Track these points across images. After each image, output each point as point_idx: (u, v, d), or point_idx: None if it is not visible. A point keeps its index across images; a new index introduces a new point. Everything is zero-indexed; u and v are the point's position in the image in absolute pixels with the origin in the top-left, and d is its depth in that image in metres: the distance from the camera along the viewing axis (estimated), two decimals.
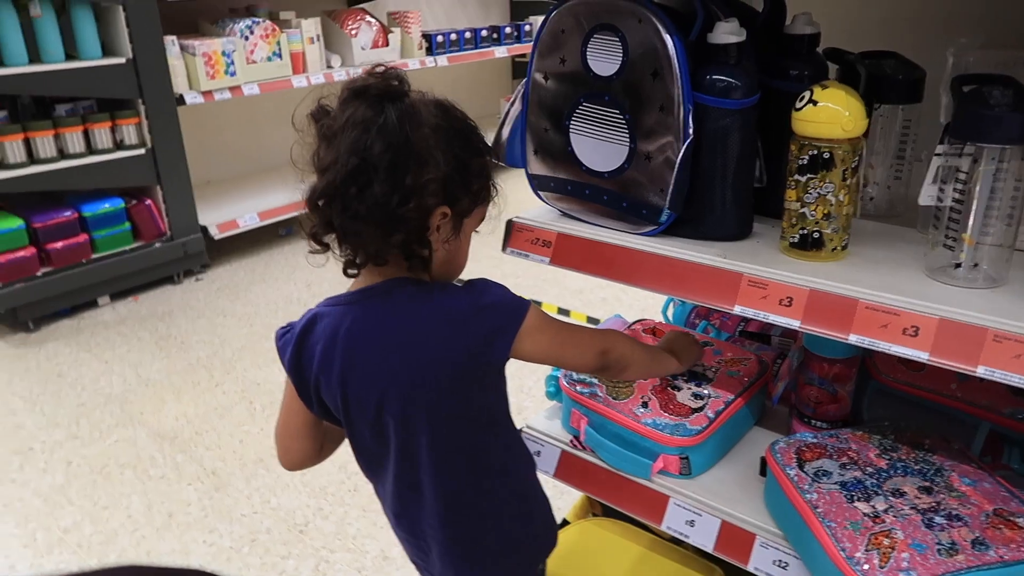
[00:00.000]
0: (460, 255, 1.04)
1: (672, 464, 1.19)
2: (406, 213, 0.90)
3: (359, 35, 4.30)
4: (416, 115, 0.91)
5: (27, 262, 3.22)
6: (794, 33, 1.11)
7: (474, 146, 0.99)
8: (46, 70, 3.13)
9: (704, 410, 1.21)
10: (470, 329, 0.96)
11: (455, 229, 0.98)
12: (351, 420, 1.02)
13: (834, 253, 1.01)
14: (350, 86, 0.92)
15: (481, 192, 1.00)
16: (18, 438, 2.56)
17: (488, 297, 0.98)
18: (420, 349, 0.96)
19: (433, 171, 0.90)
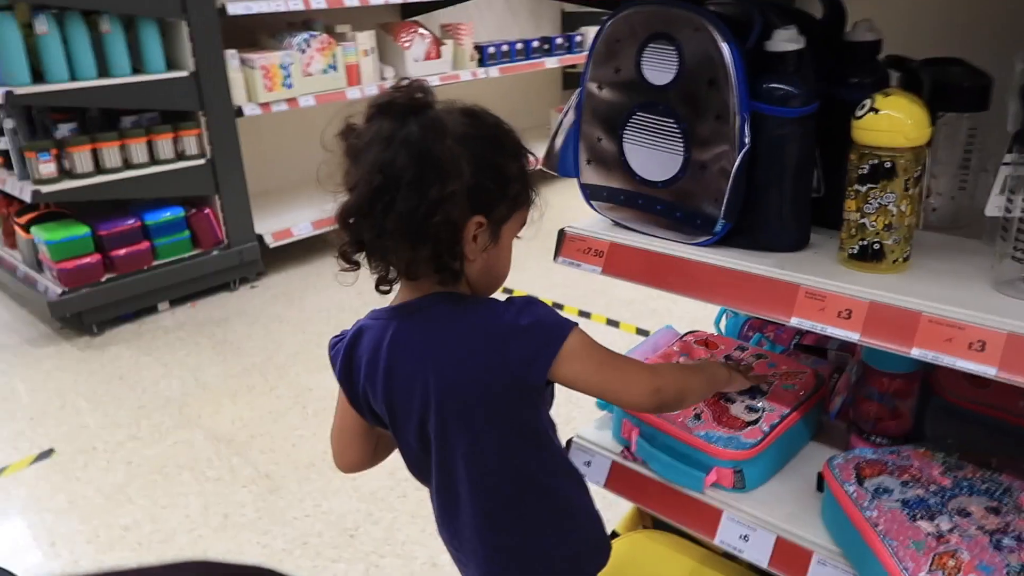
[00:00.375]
0: (501, 263, 1.02)
1: (726, 477, 1.17)
2: (432, 227, 0.89)
3: (412, 47, 4.36)
4: (440, 126, 0.90)
5: (92, 268, 3.34)
6: (854, 40, 1.09)
7: (508, 150, 0.97)
8: (114, 83, 3.25)
9: (759, 423, 1.19)
10: (506, 349, 0.94)
11: (493, 237, 0.97)
12: (398, 428, 1.04)
13: (895, 265, 0.98)
14: (374, 102, 0.92)
15: (519, 197, 0.98)
16: (82, 437, 2.65)
17: (527, 317, 0.95)
18: (456, 367, 0.96)
19: (458, 182, 0.89)
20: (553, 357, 0.93)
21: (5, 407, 2.88)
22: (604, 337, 3.35)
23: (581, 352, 0.95)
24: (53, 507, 2.29)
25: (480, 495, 1.02)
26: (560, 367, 0.94)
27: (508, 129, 0.99)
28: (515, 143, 0.99)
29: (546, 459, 1.05)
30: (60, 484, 2.40)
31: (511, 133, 0.99)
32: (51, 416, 2.79)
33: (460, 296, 0.98)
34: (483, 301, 0.99)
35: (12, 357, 3.27)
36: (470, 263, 0.96)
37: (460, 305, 0.97)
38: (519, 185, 0.98)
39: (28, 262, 3.55)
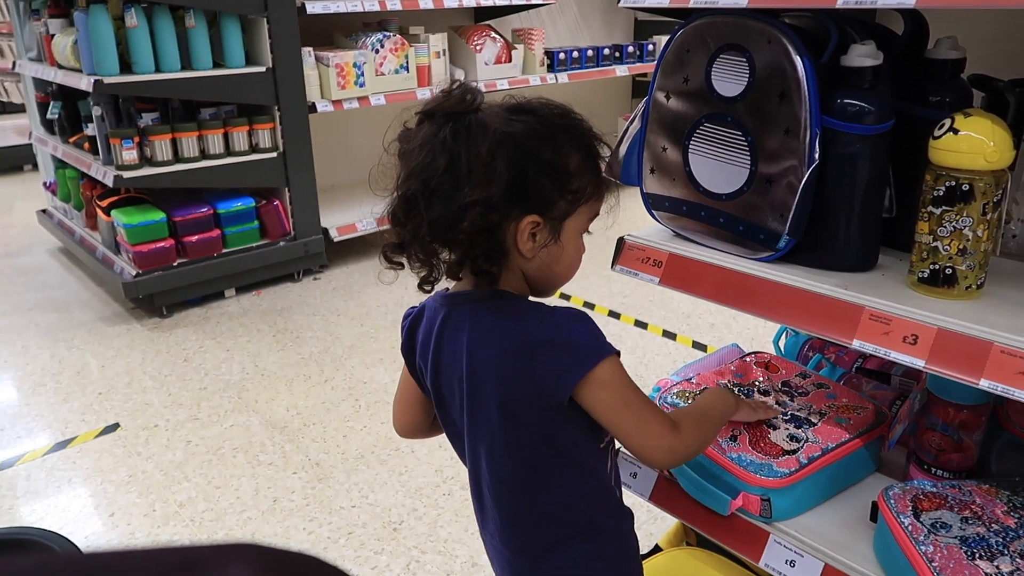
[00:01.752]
0: (565, 259, 0.98)
1: (753, 504, 1.14)
2: (462, 233, 0.88)
3: (483, 51, 4.40)
4: (478, 131, 0.89)
5: (166, 252, 3.47)
6: (936, 58, 1.05)
7: (566, 144, 0.94)
8: (196, 76, 3.37)
9: (796, 454, 1.15)
10: (535, 360, 0.92)
11: (554, 234, 0.94)
12: (443, 412, 1.05)
13: (968, 292, 0.95)
14: (422, 109, 0.93)
15: (583, 191, 0.95)
16: (146, 415, 2.75)
17: (566, 333, 0.92)
18: (485, 367, 0.95)
19: (488, 188, 0.87)
20: (580, 378, 0.90)
21: (77, 381, 3.01)
22: (660, 349, 3.31)
23: (610, 383, 0.92)
24: (115, 479, 2.39)
25: (500, 500, 1.02)
26: (585, 390, 0.91)
27: (572, 121, 0.96)
28: (577, 135, 0.96)
29: (576, 476, 1.01)
30: (122, 458, 2.50)
31: (575, 125, 0.96)
32: (119, 392, 2.91)
33: (510, 296, 0.97)
34: (530, 307, 0.96)
35: (87, 334, 3.42)
36: (527, 260, 0.95)
37: (506, 305, 0.96)
38: (582, 179, 0.94)
39: (107, 244, 3.71)
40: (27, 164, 6.38)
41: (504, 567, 1.08)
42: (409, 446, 2.49)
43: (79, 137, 3.78)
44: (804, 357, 1.54)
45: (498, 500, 1.02)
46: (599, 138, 0.98)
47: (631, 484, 1.33)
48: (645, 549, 1.82)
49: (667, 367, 2.93)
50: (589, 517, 1.03)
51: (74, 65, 3.39)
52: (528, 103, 0.95)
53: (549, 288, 1.02)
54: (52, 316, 3.61)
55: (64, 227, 4.27)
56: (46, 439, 2.62)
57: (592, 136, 0.97)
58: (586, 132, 0.97)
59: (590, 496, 1.02)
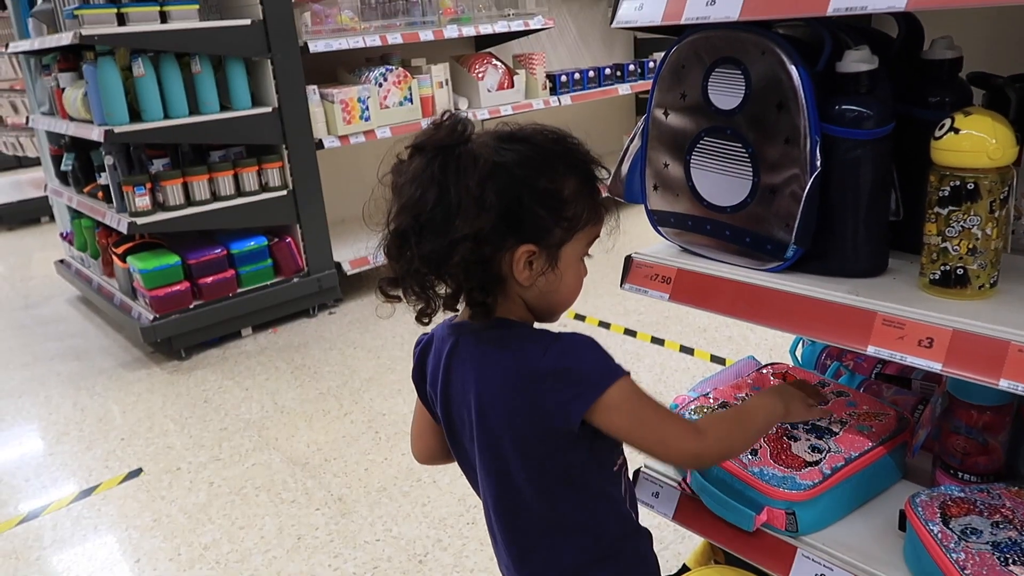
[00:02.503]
0: (564, 286, 0.96)
1: (778, 519, 1.12)
2: (454, 267, 0.88)
3: (486, 78, 4.44)
4: (468, 162, 0.87)
5: (182, 295, 3.51)
6: (933, 58, 1.05)
7: (561, 170, 0.92)
8: (204, 120, 3.42)
9: (820, 465, 1.14)
10: (540, 394, 0.90)
11: (551, 261, 0.92)
12: (454, 443, 1.05)
13: (981, 291, 0.93)
14: (413, 143, 0.92)
15: (579, 217, 0.93)
16: (168, 458, 2.76)
17: (570, 362, 0.90)
18: (496, 402, 0.94)
19: (481, 220, 0.86)
20: (588, 406, 0.89)
21: (100, 428, 3.03)
22: (678, 365, 3.29)
23: (623, 406, 0.90)
24: (140, 524, 2.39)
25: (513, 530, 1.01)
26: (597, 416, 0.90)
27: (567, 146, 0.95)
28: (573, 160, 0.94)
29: (587, 503, 0.99)
30: (146, 503, 2.50)
31: (571, 149, 0.95)
32: (140, 437, 2.92)
33: (513, 325, 0.96)
34: (533, 336, 0.95)
35: (107, 380, 3.44)
36: (524, 289, 0.93)
37: (509, 336, 0.94)
38: (579, 205, 0.93)
39: (124, 290, 3.75)
40: (44, 216, 6.49)
41: None
42: (431, 476, 2.48)
43: (93, 187, 3.84)
44: (822, 366, 1.52)
45: (511, 530, 1.01)
46: (596, 161, 0.97)
47: (653, 504, 1.31)
48: (672, 569, 1.79)
49: (686, 383, 2.90)
50: (607, 543, 1.01)
51: (85, 116, 3.45)
52: (521, 130, 0.94)
53: (551, 314, 1.00)
54: (73, 364, 3.65)
55: (82, 276, 4.32)
56: (71, 488, 2.63)
57: (589, 160, 0.96)
58: (582, 156, 0.95)
59: (605, 521, 1.01)
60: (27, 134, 6.46)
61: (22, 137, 6.72)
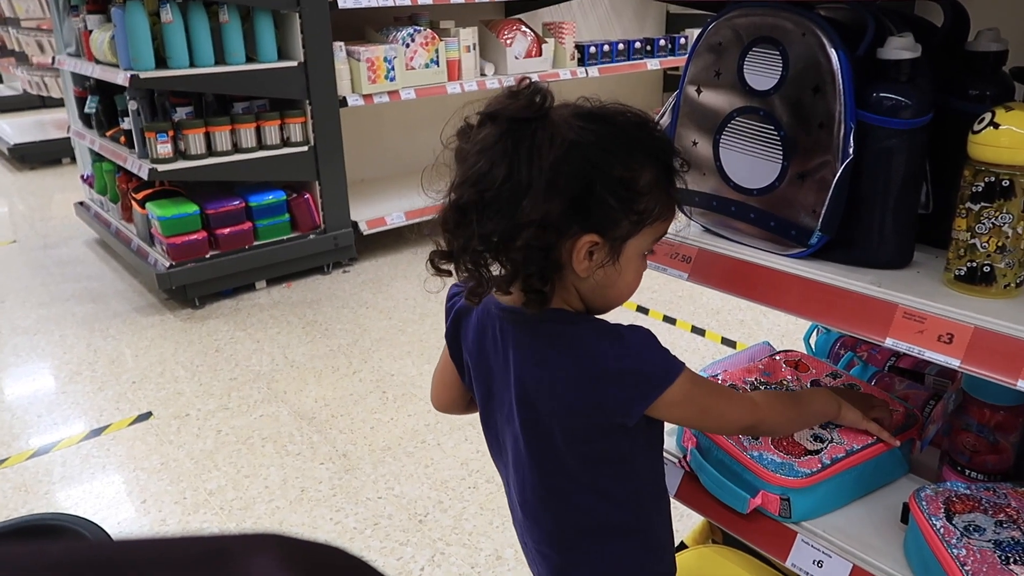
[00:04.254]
0: (622, 280, 0.91)
1: (772, 503, 1.12)
2: (515, 251, 0.83)
3: (514, 44, 4.39)
4: (544, 141, 0.81)
5: (199, 245, 3.53)
6: (977, 50, 1.02)
7: (639, 160, 0.86)
8: (229, 71, 3.41)
9: (820, 454, 1.13)
10: (602, 394, 0.88)
11: (613, 254, 0.87)
12: (489, 415, 1.03)
13: (1006, 290, 0.92)
14: (486, 109, 0.85)
15: (650, 211, 0.87)
16: (178, 404, 2.80)
17: (633, 362, 0.87)
18: (552, 394, 0.91)
19: (552, 205, 0.81)
20: (649, 405, 0.88)
21: (112, 370, 3.07)
22: (689, 345, 3.29)
23: (682, 401, 0.90)
24: (147, 466, 2.43)
25: (553, 509, 1.01)
26: (658, 411, 0.90)
27: (650, 133, 0.89)
28: (654, 149, 0.88)
29: (632, 483, 1.00)
30: (155, 446, 2.55)
31: (654, 138, 0.89)
32: (151, 381, 2.96)
33: (570, 318, 0.92)
34: (593, 331, 0.90)
35: (122, 324, 3.48)
36: (581, 280, 0.89)
37: (569, 332, 0.91)
38: (652, 199, 0.87)
39: (142, 235, 3.78)
40: (65, 157, 6.52)
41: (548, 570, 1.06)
42: (435, 439, 2.50)
43: (116, 131, 3.85)
44: (835, 355, 1.52)
45: (548, 510, 1.01)
46: (678, 153, 0.91)
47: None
48: None
49: (695, 363, 2.89)
50: (643, 515, 1.04)
51: (111, 60, 3.45)
52: (604, 109, 0.87)
53: (603, 308, 0.96)
54: (88, 306, 3.69)
55: (100, 219, 4.35)
56: (81, 426, 2.68)
57: (670, 151, 0.90)
58: (665, 146, 0.90)
59: (646, 498, 1.03)
60: (52, 74, 6.47)
61: (47, 77, 6.73)
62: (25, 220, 5.24)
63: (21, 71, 7.40)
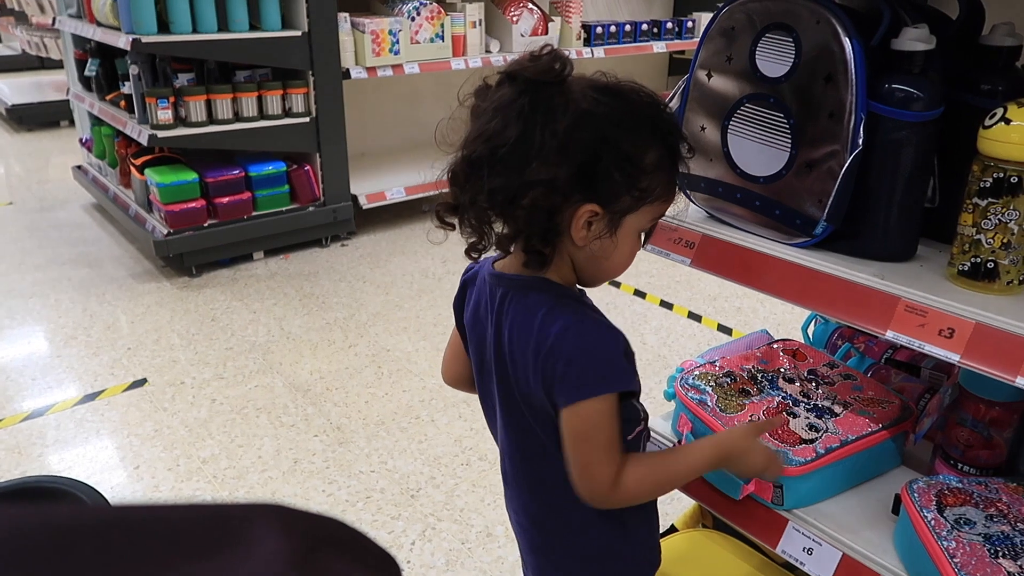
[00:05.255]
0: (617, 255, 0.93)
1: (765, 490, 1.13)
2: (521, 209, 0.85)
3: (520, 22, 4.35)
4: (559, 105, 0.83)
5: (197, 213, 3.51)
6: (991, 44, 1.02)
7: (647, 137, 0.88)
8: (232, 38, 3.38)
9: (815, 443, 1.14)
10: (550, 366, 0.90)
11: (611, 227, 0.89)
12: (483, 382, 1.05)
13: (1009, 287, 0.92)
14: (506, 68, 0.87)
15: (652, 190, 0.89)
16: (173, 371, 2.80)
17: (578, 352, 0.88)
18: (526, 360, 0.93)
19: (557, 169, 0.83)
20: (568, 404, 0.89)
21: (107, 335, 3.07)
22: (685, 331, 3.30)
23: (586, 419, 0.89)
24: (141, 433, 2.44)
25: (526, 479, 1.03)
26: (568, 411, 0.90)
27: (660, 113, 0.90)
28: (663, 130, 0.90)
29: None
30: (149, 412, 2.55)
31: (662, 118, 0.90)
32: (147, 348, 2.96)
33: (554, 289, 0.93)
34: (565, 308, 0.92)
35: (118, 290, 3.47)
36: (577, 249, 0.91)
37: (547, 300, 0.92)
38: (654, 178, 0.88)
39: (140, 202, 3.75)
40: (64, 120, 6.47)
41: (526, 543, 1.10)
42: (429, 415, 2.51)
43: (116, 95, 3.81)
44: (833, 345, 1.52)
45: (523, 479, 1.03)
46: (684, 138, 0.93)
47: None
48: (662, 529, 1.82)
49: (691, 349, 2.91)
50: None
51: (113, 23, 3.41)
52: (619, 85, 0.89)
53: (595, 280, 0.98)
54: (85, 271, 3.67)
55: (98, 183, 4.33)
56: (75, 390, 2.68)
57: (677, 133, 0.92)
58: (673, 129, 0.91)
59: None
60: (52, 35, 6.39)
61: (47, 38, 6.65)
62: (22, 182, 5.20)
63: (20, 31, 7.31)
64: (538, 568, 1.10)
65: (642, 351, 2.89)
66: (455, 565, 1.91)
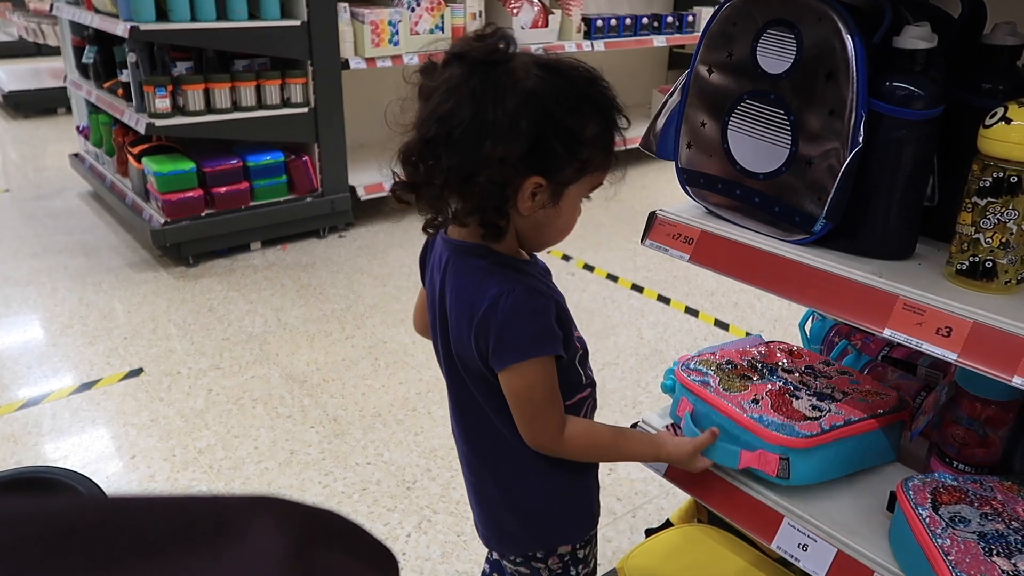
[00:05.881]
0: (560, 222, 0.99)
1: (770, 463, 1.12)
2: (477, 186, 0.89)
3: (520, 14, 4.33)
4: (507, 84, 0.88)
5: (195, 202, 3.50)
6: (992, 44, 1.02)
7: (588, 111, 0.93)
8: (231, 27, 3.36)
9: (819, 420, 1.14)
10: (484, 333, 0.96)
11: (554, 197, 0.95)
12: (435, 333, 1.11)
13: (1007, 287, 0.93)
14: (452, 49, 0.92)
15: (591, 161, 0.95)
16: (169, 361, 2.80)
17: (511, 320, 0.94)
18: (457, 319, 1.00)
19: (510, 147, 0.88)
20: (503, 368, 0.97)
21: (103, 325, 3.06)
22: (681, 325, 3.29)
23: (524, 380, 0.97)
24: (137, 423, 2.44)
25: (467, 432, 1.12)
26: (502, 374, 0.97)
27: (598, 89, 0.95)
28: (600, 104, 0.95)
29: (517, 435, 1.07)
30: (145, 402, 2.55)
31: (600, 93, 0.95)
32: (143, 338, 2.96)
33: (495, 257, 0.99)
34: (502, 276, 0.97)
35: (114, 279, 3.47)
36: (522, 218, 0.97)
37: (486, 267, 0.98)
38: (593, 149, 0.95)
39: (137, 190, 3.74)
40: (61, 107, 6.43)
41: (472, 493, 1.19)
42: (426, 407, 2.51)
43: (113, 83, 3.80)
44: (830, 342, 1.52)
45: (463, 432, 1.13)
46: (621, 110, 0.97)
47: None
48: (655, 523, 1.83)
49: (688, 344, 2.91)
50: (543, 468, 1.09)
51: (111, 10, 3.39)
52: (560, 62, 0.94)
53: (538, 246, 1.04)
54: (81, 260, 3.66)
55: (95, 172, 4.31)
56: (71, 380, 2.68)
57: (614, 107, 0.96)
58: (609, 102, 0.96)
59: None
60: (49, 22, 6.36)
61: (44, 24, 6.62)
62: (18, 170, 5.18)
63: (17, 17, 7.27)
64: (482, 517, 1.18)
65: (639, 346, 2.89)
66: (451, 557, 1.92)
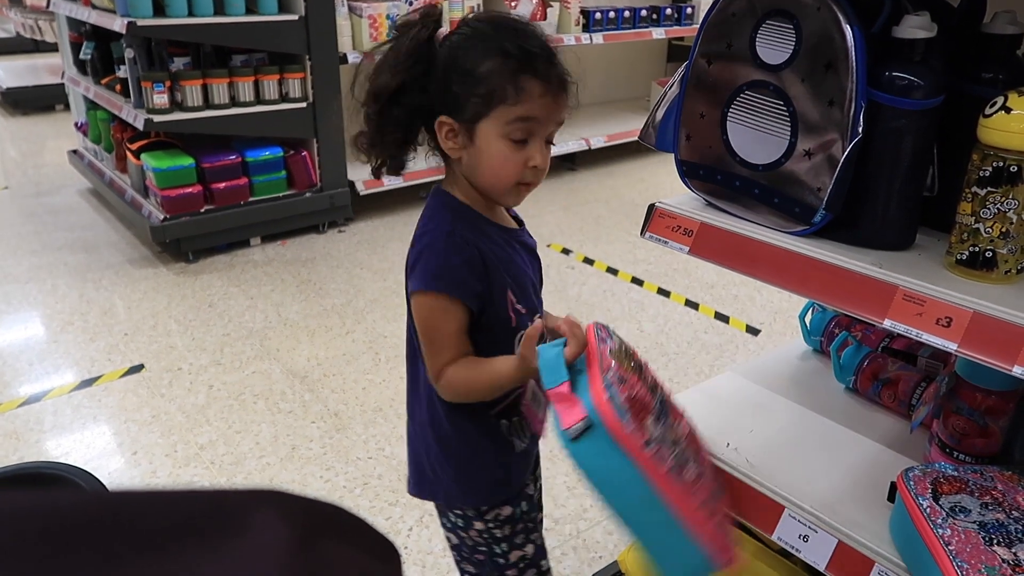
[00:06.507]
0: (487, 162, 1.05)
1: (573, 415, 0.92)
2: (385, 129, 1.06)
3: (519, 7, 4.32)
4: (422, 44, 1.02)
5: (194, 198, 3.49)
6: (992, 32, 1.01)
7: (484, 51, 1.00)
8: (229, 22, 3.35)
9: (666, 456, 0.98)
10: (408, 257, 1.09)
11: (468, 136, 1.03)
12: None
13: (1007, 276, 0.93)
14: (398, 23, 1.07)
15: (492, 95, 1.00)
16: (170, 357, 2.80)
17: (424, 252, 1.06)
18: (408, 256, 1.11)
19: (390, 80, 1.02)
20: (411, 291, 1.08)
21: (104, 321, 3.06)
22: (682, 318, 3.29)
23: (420, 310, 1.08)
24: (138, 419, 2.44)
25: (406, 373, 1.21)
26: (412, 301, 1.09)
27: (499, 29, 1.02)
28: (497, 43, 1.00)
29: None
30: (146, 398, 2.55)
31: (500, 33, 1.02)
32: (144, 334, 2.96)
33: (444, 198, 1.11)
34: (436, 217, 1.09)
35: (114, 275, 3.46)
36: (458, 164, 1.07)
37: (430, 207, 1.11)
38: (491, 83, 1.00)
39: (136, 187, 3.74)
40: (59, 104, 6.42)
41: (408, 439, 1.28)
42: None
43: (111, 79, 3.79)
44: (830, 334, 1.53)
45: (407, 369, 1.21)
46: (530, 49, 1.01)
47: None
48: None
49: (687, 337, 2.91)
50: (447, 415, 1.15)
51: (108, 6, 3.38)
52: (476, 17, 1.06)
53: (489, 191, 1.09)
54: (81, 256, 3.66)
55: (94, 168, 4.30)
56: (72, 376, 2.68)
57: (518, 43, 1.00)
58: (510, 38, 1.01)
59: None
60: (46, 18, 6.33)
61: (41, 20, 6.59)
62: (17, 167, 5.18)
63: (14, 13, 7.24)
64: (408, 458, 1.27)
65: (639, 339, 2.89)
66: None
